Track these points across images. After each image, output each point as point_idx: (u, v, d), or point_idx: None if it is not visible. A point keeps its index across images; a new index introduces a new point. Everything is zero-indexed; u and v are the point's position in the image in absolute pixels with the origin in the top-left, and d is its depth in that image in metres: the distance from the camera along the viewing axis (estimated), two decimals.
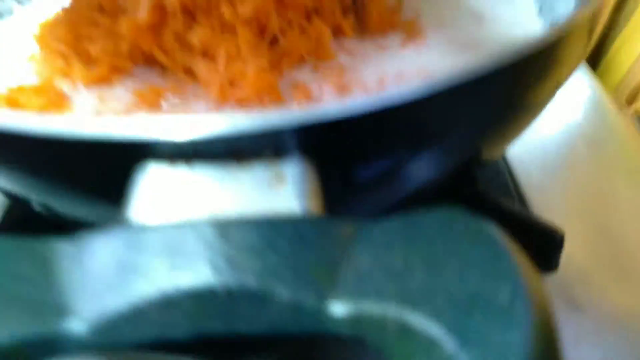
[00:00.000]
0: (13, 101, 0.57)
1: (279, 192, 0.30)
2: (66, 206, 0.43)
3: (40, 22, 0.73)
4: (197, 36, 0.59)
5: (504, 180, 0.64)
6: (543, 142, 0.65)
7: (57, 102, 0.58)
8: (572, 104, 0.80)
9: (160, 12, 0.60)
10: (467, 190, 0.54)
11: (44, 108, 0.57)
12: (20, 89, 0.59)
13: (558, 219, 0.61)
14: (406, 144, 0.35)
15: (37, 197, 0.42)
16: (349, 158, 0.35)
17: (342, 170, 0.36)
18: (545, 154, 0.68)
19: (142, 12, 0.58)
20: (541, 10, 0.71)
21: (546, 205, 0.65)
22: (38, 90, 0.58)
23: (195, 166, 0.30)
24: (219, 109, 0.59)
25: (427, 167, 0.41)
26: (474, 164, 0.47)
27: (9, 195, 0.48)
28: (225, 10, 0.58)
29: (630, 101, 1.21)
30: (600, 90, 0.84)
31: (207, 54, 0.60)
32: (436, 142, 0.36)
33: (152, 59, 0.63)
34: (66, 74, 0.63)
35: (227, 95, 0.59)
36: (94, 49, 0.63)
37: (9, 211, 0.62)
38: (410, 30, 0.68)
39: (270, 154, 0.31)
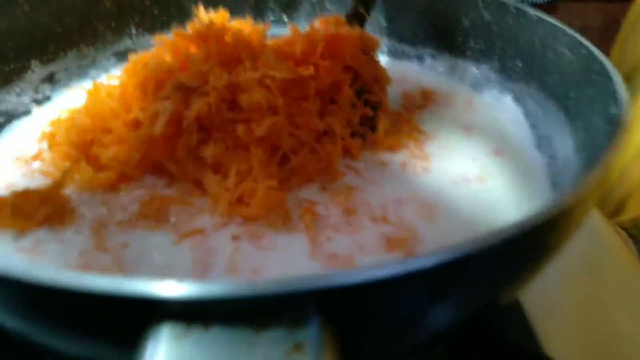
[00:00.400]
0: (18, 209, 0.56)
1: None
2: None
3: (52, 121, 0.74)
4: (210, 152, 0.60)
5: (511, 312, 0.63)
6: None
7: (62, 212, 0.58)
8: None
9: (177, 126, 0.61)
10: (480, 327, 0.53)
11: (49, 219, 0.57)
12: (26, 194, 0.58)
13: (564, 349, 0.60)
14: (426, 304, 0.34)
15: (38, 340, 0.40)
16: (370, 322, 0.34)
17: (361, 335, 0.35)
18: (548, 282, 0.67)
19: (159, 125, 0.60)
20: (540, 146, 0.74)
21: (550, 335, 0.63)
22: (44, 199, 0.57)
23: (212, 329, 0.29)
24: (224, 225, 0.58)
25: (443, 320, 0.40)
26: (488, 311, 0.47)
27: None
28: (241, 129, 0.59)
29: (614, 214, 1.24)
30: (596, 212, 0.86)
31: (218, 169, 0.61)
32: (456, 301, 0.36)
33: (162, 168, 0.64)
34: (73, 179, 0.63)
35: (235, 212, 0.59)
36: (105, 156, 0.63)
37: None
38: (415, 154, 0.71)
39: (289, 320, 0.30)
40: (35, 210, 0.56)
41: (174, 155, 0.62)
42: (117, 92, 0.66)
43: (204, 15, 0.74)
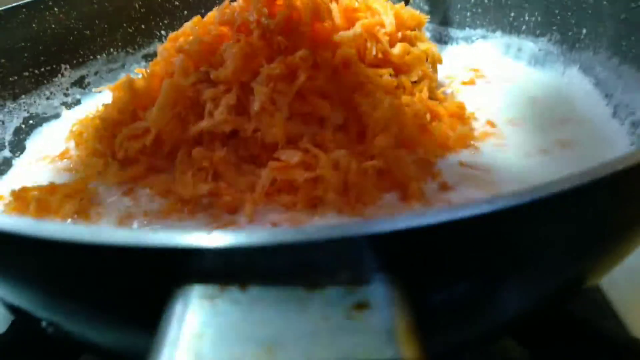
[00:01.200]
0: (43, 204, 0.51)
1: (361, 326, 0.22)
2: (86, 328, 0.34)
3: (80, 120, 0.70)
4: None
5: (597, 299, 0.53)
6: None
7: (87, 207, 0.53)
8: None
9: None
10: (563, 314, 0.44)
11: (75, 213, 0.52)
12: (51, 189, 0.53)
13: None
14: (499, 261, 0.26)
15: (56, 315, 0.34)
16: (439, 277, 0.26)
17: (433, 295, 0.28)
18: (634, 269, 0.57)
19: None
20: (615, 113, 0.65)
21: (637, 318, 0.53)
22: (69, 194, 0.52)
23: (251, 290, 0.22)
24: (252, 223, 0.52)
25: (518, 295, 0.32)
26: (571, 292, 0.38)
27: (18, 312, 0.40)
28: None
29: None
30: None
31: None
32: (528, 264, 0.28)
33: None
34: (101, 173, 0.58)
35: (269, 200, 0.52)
36: (133, 148, 0.58)
37: (13, 324, 0.54)
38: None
39: (349, 275, 0.23)
40: (61, 204, 0.52)
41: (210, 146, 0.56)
42: (145, 83, 0.61)
43: None
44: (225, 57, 0.57)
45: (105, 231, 0.24)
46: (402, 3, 0.75)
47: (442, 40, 0.92)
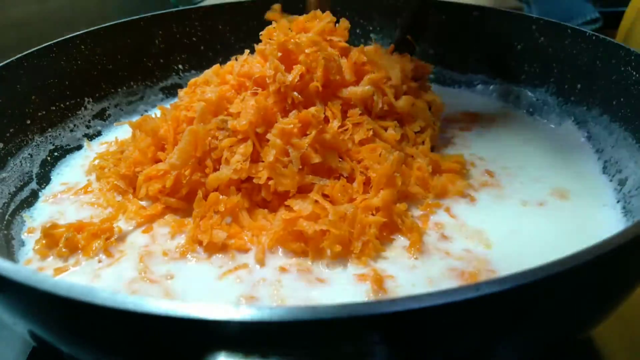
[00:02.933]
0: (71, 242, 0.56)
1: None
2: None
3: (100, 154, 0.75)
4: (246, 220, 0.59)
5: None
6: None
7: (111, 244, 0.57)
8: None
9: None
10: None
11: (100, 249, 0.56)
12: (79, 227, 0.58)
13: None
14: (500, 331, 0.30)
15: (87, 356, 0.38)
16: (438, 352, 0.30)
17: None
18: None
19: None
20: (605, 169, 0.69)
21: None
22: (96, 232, 0.57)
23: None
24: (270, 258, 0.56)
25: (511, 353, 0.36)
26: (562, 344, 0.42)
27: (43, 344, 0.44)
28: None
29: None
30: None
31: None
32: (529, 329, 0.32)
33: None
34: (122, 210, 0.62)
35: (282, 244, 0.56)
36: (152, 189, 0.63)
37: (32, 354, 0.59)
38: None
39: (353, 350, 0.27)
40: (88, 243, 0.56)
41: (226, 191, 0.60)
42: (166, 125, 0.66)
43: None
44: (242, 108, 0.62)
45: (146, 301, 0.28)
46: (407, 54, 0.79)
47: (444, 82, 0.97)
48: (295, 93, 0.60)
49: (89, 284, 0.53)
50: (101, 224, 0.57)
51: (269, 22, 1.01)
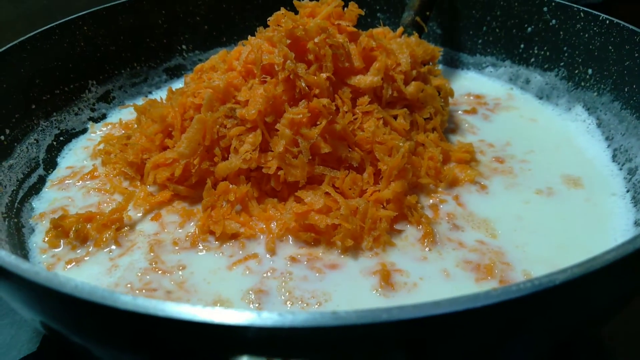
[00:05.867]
0: (82, 233, 0.56)
1: None
2: None
3: (105, 138, 0.75)
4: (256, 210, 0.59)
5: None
6: None
7: (121, 234, 0.57)
8: None
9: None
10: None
11: (111, 239, 0.56)
12: (89, 217, 0.58)
13: None
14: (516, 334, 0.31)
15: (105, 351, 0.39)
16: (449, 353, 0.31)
17: None
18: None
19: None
20: (615, 157, 0.68)
21: None
22: (106, 223, 0.57)
23: None
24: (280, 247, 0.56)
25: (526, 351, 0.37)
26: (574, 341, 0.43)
27: (52, 332, 0.45)
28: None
29: None
30: None
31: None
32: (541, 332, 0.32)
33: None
34: (131, 199, 0.62)
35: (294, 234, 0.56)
36: (161, 177, 0.62)
37: (43, 342, 0.59)
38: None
39: (373, 352, 0.27)
40: (99, 233, 0.56)
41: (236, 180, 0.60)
42: (173, 111, 0.65)
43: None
44: (250, 96, 0.61)
45: (169, 306, 0.29)
46: (416, 34, 0.78)
47: (453, 64, 0.96)
48: (303, 84, 0.59)
49: (105, 275, 0.53)
50: (111, 215, 0.57)
51: (274, 2, 1.00)
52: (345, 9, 0.71)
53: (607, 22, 0.73)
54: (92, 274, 0.53)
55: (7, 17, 0.90)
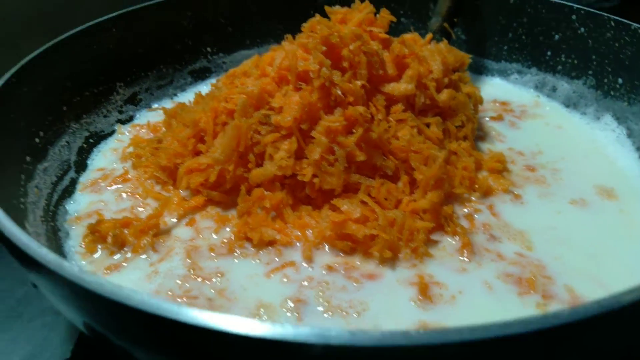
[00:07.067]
0: (119, 239, 0.56)
1: None
2: None
3: (134, 140, 0.75)
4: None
5: None
6: None
7: (157, 239, 0.58)
8: None
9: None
10: None
11: (148, 245, 0.57)
12: (126, 223, 0.58)
13: None
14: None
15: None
16: None
17: None
18: None
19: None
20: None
21: None
22: (143, 229, 0.57)
23: None
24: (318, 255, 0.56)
25: None
26: None
27: (95, 334, 0.45)
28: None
29: None
30: None
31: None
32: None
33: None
34: (166, 204, 0.62)
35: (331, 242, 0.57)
36: (194, 182, 0.63)
37: (77, 344, 0.60)
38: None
39: None
40: (137, 238, 0.56)
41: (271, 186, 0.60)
42: (205, 116, 0.65)
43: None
44: (284, 103, 0.61)
45: (230, 320, 0.29)
46: (445, 41, 0.78)
47: (477, 70, 0.95)
48: (339, 92, 0.59)
49: (145, 281, 0.53)
50: (148, 221, 0.58)
51: (298, 3, 1.00)
52: (377, 15, 0.71)
53: (639, 31, 0.72)
54: (132, 280, 0.53)
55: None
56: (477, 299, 0.50)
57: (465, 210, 0.61)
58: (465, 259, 0.54)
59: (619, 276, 0.53)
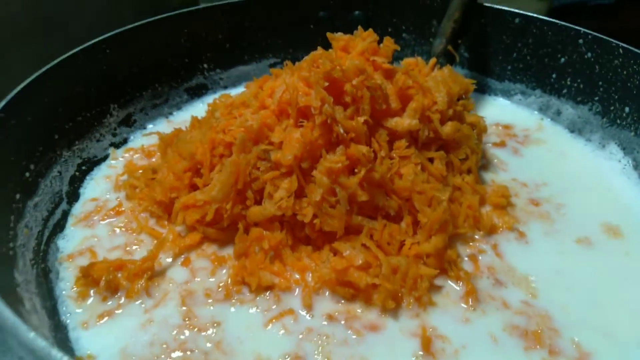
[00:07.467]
0: (113, 284, 0.54)
1: None
2: None
3: (128, 168, 0.73)
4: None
5: None
6: None
7: (152, 283, 0.56)
8: None
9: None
10: None
11: (142, 290, 0.55)
12: (120, 265, 0.56)
13: None
14: None
15: None
16: None
17: None
18: None
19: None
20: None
21: None
22: (138, 272, 0.55)
23: None
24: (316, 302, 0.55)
25: None
26: None
27: None
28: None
29: None
30: None
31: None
32: None
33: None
34: (162, 245, 0.60)
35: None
36: (190, 219, 0.61)
37: None
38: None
39: None
40: (131, 282, 0.55)
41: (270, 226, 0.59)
42: (203, 147, 0.63)
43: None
44: (284, 138, 0.59)
45: None
46: (449, 67, 0.76)
47: (480, 89, 0.93)
48: (341, 130, 0.57)
49: (140, 331, 0.52)
50: (142, 263, 0.56)
51: (297, 19, 0.97)
52: (380, 44, 0.69)
53: None
54: (126, 329, 0.52)
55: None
56: (482, 354, 0.49)
57: (469, 250, 0.60)
58: (470, 307, 0.53)
59: (624, 325, 0.52)
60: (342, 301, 0.54)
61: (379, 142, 0.60)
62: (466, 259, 0.59)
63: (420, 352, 0.49)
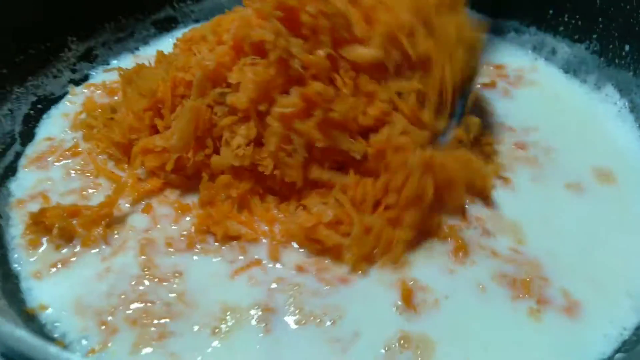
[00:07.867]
0: (68, 232, 0.50)
1: None
2: None
3: (87, 107, 0.67)
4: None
5: None
6: None
7: (110, 230, 0.52)
8: None
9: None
10: None
11: (100, 237, 0.51)
12: (75, 211, 0.52)
13: None
14: None
15: None
16: None
17: None
18: None
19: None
20: None
21: None
22: (95, 219, 0.51)
23: None
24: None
25: None
26: None
27: None
28: None
29: None
30: None
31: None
32: None
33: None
34: (121, 190, 0.55)
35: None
36: (150, 164, 0.56)
37: None
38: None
39: None
40: (88, 230, 0.50)
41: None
42: (164, 85, 0.57)
43: None
44: (240, 79, 0.53)
45: None
46: None
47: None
48: (298, 65, 0.50)
49: (96, 281, 0.48)
50: (100, 209, 0.51)
51: None
52: None
53: None
54: (81, 279, 0.48)
55: None
56: (465, 304, 0.46)
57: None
58: (458, 260, 0.50)
59: (614, 273, 0.50)
60: (312, 255, 0.50)
61: (343, 78, 0.54)
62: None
63: (399, 302, 0.46)
